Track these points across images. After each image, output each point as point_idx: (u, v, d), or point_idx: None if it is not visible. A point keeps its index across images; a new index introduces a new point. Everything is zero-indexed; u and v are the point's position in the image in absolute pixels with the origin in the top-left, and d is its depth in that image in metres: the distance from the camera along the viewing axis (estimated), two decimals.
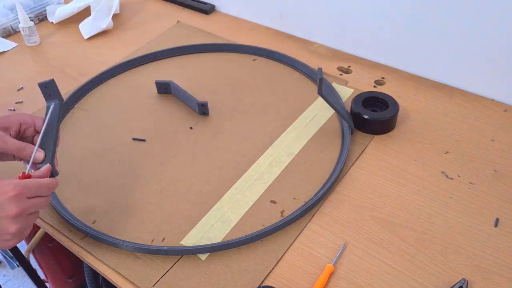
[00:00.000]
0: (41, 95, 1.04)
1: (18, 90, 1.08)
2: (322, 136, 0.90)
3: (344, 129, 0.90)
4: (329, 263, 0.69)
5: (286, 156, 0.86)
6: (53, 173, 0.69)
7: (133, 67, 1.12)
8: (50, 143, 0.70)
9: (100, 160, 0.88)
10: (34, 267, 1.40)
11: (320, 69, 0.80)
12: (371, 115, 0.88)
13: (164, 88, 1.03)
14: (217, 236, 0.73)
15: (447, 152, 0.86)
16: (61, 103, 0.68)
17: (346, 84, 1.03)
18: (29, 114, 0.73)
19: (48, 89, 0.67)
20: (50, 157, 0.70)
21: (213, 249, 0.71)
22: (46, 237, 1.22)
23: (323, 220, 0.75)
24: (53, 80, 0.64)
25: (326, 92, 0.83)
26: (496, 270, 0.67)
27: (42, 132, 0.69)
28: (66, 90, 1.06)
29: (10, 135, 0.70)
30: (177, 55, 1.15)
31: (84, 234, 0.74)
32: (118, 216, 0.78)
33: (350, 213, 0.76)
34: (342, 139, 0.89)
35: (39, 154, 0.68)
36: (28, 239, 1.27)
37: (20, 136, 0.72)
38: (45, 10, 1.34)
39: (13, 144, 0.68)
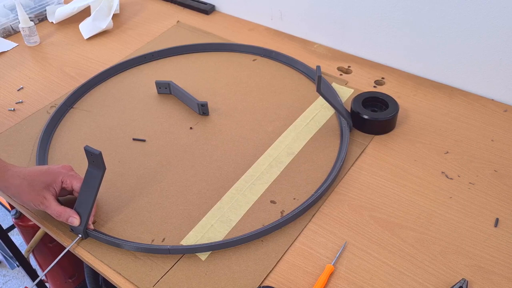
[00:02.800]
0: (41, 95, 1.05)
1: (18, 90, 1.08)
2: (322, 136, 0.90)
3: (342, 126, 0.90)
4: (329, 263, 0.69)
5: (286, 156, 0.87)
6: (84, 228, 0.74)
7: (132, 67, 1.12)
8: (86, 206, 0.73)
9: None
10: (34, 267, 1.40)
11: (318, 67, 0.80)
12: (371, 115, 0.88)
13: (164, 88, 1.03)
14: (217, 236, 0.73)
15: (447, 152, 0.86)
16: (103, 173, 0.70)
17: (346, 84, 1.03)
18: (70, 173, 0.76)
19: (93, 157, 0.68)
20: (85, 220, 0.73)
21: (216, 247, 0.71)
22: (46, 237, 1.23)
23: (323, 220, 0.75)
24: (100, 153, 0.67)
25: (324, 90, 0.84)
26: (496, 270, 0.67)
27: (79, 195, 0.73)
28: (66, 90, 1.06)
29: (54, 190, 0.75)
30: (177, 55, 1.15)
31: (86, 235, 0.74)
32: (118, 216, 0.78)
33: (350, 213, 0.76)
34: (341, 138, 0.89)
35: (76, 220, 0.73)
36: (28, 239, 1.27)
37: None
38: (45, 10, 1.34)
39: (54, 209, 0.73)
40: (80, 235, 0.74)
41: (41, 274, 0.76)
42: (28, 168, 0.76)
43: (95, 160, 0.69)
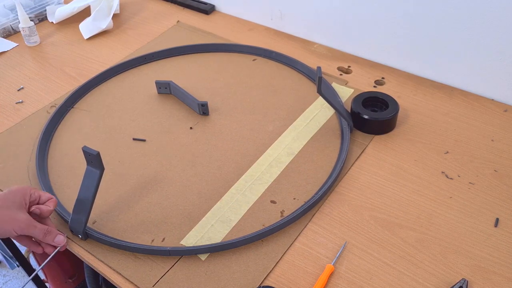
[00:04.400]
0: (41, 95, 1.05)
1: (18, 90, 1.08)
2: (322, 136, 0.90)
3: (343, 127, 0.90)
4: (329, 263, 0.69)
5: (286, 156, 0.86)
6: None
7: (133, 67, 1.12)
8: (85, 207, 0.72)
9: None
10: (34, 267, 1.40)
11: (319, 68, 0.80)
12: (371, 115, 0.88)
13: (164, 88, 1.03)
14: (217, 236, 0.73)
15: (447, 152, 0.86)
16: (102, 172, 0.70)
17: (346, 84, 1.03)
18: (33, 188, 0.73)
19: (91, 157, 0.68)
20: (84, 221, 0.72)
21: (215, 249, 0.71)
22: None
23: (323, 220, 0.75)
24: (98, 153, 0.67)
25: (325, 91, 0.84)
26: (496, 270, 0.67)
27: (78, 195, 0.72)
28: (66, 90, 1.06)
29: (26, 206, 0.70)
30: (177, 55, 1.15)
31: (86, 236, 0.74)
32: (118, 216, 0.78)
33: (350, 213, 0.76)
34: (342, 138, 0.89)
35: (62, 238, 0.71)
36: None
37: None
38: (45, 10, 1.34)
39: (41, 229, 0.69)
40: (79, 236, 0.74)
41: (38, 268, 0.75)
42: None
43: (93, 160, 0.68)
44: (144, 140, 0.92)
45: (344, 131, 0.89)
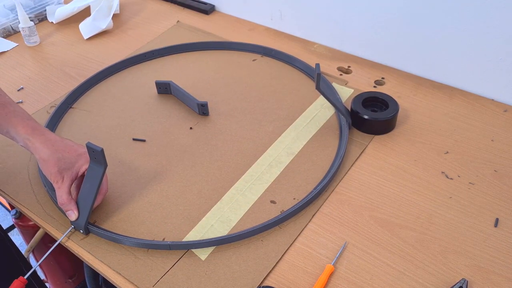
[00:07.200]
0: (41, 95, 1.05)
1: (18, 90, 1.08)
2: (322, 136, 0.90)
3: (342, 123, 0.90)
4: (329, 263, 0.69)
5: (286, 156, 0.87)
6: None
7: (133, 65, 1.12)
8: (88, 202, 0.73)
9: None
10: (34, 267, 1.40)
11: (317, 65, 0.81)
12: (371, 115, 0.88)
13: (164, 88, 1.03)
14: (217, 236, 0.73)
15: (447, 152, 0.86)
16: (105, 169, 0.71)
17: (346, 84, 1.03)
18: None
19: (95, 154, 0.69)
20: (86, 216, 0.73)
21: (215, 243, 0.72)
22: (46, 237, 1.23)
23: (323, 220, 0.75)
24: (102, 150, 0.68)
25: (323, 87, 0.84)
26: (496, 270, 0.67)
27: (81, 191, 0.73)
28: (66, 90, 1.06)
29: (76, 174, 0.75)
30: (177, 53, 1.15)
31: (87, 231, 0.75)
32: (118, 216, 0.78)
33: (350, 213, 0.76)
34: (340, 135, 0.89)
35: (73, 215, 0.74)
36: (28, 239, 1.27)
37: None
38: (45, 10, 1.34)
39: (61, 195, 0.73)
40: (81, 231, 0.74)
41: (35, 265, 0.75)
42: (62, 140, 0.76)
43: (97, 156, 0.69)
44: (144, 140, 0.92)
45: (343, 127, 0.89)
